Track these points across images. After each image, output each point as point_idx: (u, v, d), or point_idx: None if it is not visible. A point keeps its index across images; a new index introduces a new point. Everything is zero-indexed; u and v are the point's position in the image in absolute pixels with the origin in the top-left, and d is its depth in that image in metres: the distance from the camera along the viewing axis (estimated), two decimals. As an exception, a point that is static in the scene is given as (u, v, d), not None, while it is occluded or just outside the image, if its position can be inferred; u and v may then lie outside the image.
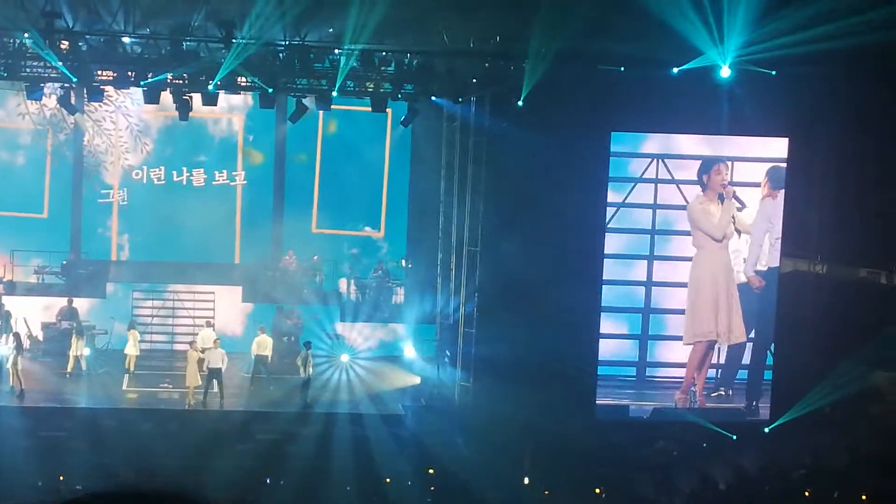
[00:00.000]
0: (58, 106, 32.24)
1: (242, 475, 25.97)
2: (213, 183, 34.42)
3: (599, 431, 28.67)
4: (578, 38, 25.63)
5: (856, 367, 29.22)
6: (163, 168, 34.21)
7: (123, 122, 33.78)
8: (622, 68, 27.63)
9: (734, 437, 29.32)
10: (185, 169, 34.29)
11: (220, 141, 34.53)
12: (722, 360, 29.50)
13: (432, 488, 26.72)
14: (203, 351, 28.69)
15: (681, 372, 29.50)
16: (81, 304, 32.06)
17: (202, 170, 34.37)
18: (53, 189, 33.76)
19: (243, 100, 33.47)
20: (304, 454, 26.79)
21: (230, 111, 34.10)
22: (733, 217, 28.78)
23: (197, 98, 29.03)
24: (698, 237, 28.98)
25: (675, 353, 29.56)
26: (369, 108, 29.81)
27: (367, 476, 26.85)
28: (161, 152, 34.26)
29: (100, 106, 33.08)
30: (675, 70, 27.65)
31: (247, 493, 25.74)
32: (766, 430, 29.50)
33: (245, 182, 34.55)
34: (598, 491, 27.26)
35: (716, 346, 29.34)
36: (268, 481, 26.43)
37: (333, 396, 29.32)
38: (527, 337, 28.04)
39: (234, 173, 34.51)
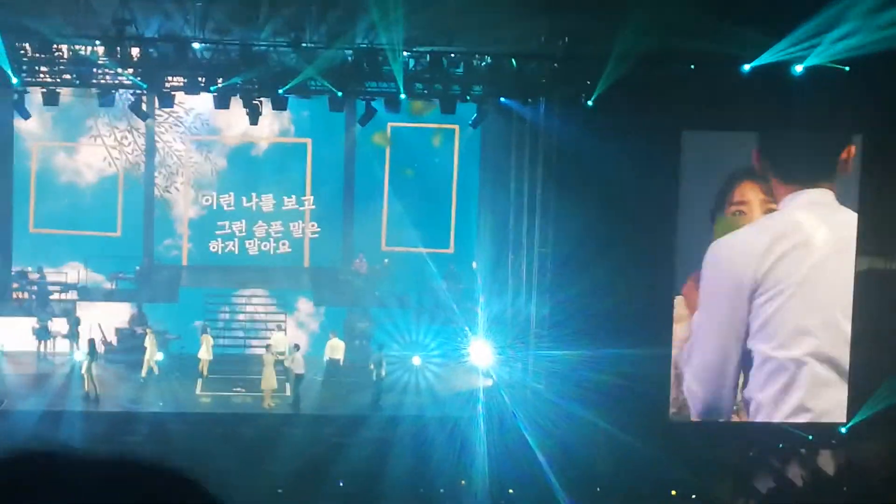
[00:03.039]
0: (129, 128, 32.61)
1: (316, 478, 26.05)
2: (283, 208, 34.52)
3: (673, 433, 28.48)
4: (654, 37, 25.46)
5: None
6: (232, 194, 34.36)
7: (194, 143, 34.05)
8: (692, 66, 27.43)
9: (810, 438, 29.04)
10: (253, 195, 34.41)
11: (288, 166, 34.61)
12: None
13: (511, 490, 26.66)
14: (277, 354, 28.88)
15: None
16: (154, 309, 32.30)
17: (271, 195, 34.47)
18: (126, 209, 34.03)
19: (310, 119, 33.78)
20: (377, 457, 26.80)
21: (299, 135, 34.27)
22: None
23: (267, 103, 29.20)
24: None
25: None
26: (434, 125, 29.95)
27: (440, 479, 26.85)
28: (230, 177, 34.48)
29: (171, 127, 33.37)
30: (747, 67, 27.42)
31: (317, 496, 25.82)
32: (843, 430, 29.16)
33: (314, 207, 34.62)
34: (673, 493, 27.09)
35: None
36: (341, 484, 26.49)
37: (406, 399, 29.31)
38: (599, 339, 27.84)
39: (302, 198, 34.58)
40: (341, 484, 26.51)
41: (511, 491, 26.62)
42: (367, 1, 26.11)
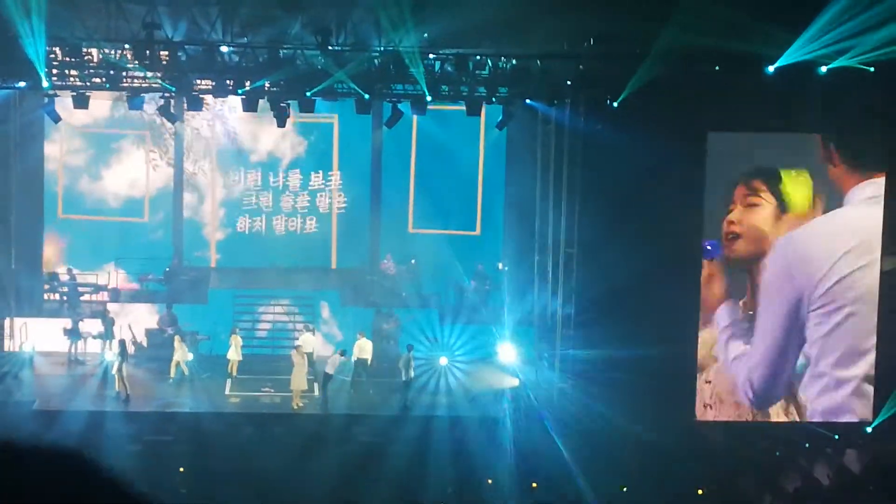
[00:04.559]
0: (157, 113, 32.96)
1: (343, 477, 26.21)
2: (309, 185, 34.82)
3: (700, 432, 28.56)
4: (680, 38, 25.55)
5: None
6: (259, 171, 34.77)
7: (221, 129, 34.33)
8: (717, 67, 27.50)
9: (836, 437, 29.06)
10: (280, 172, 34.78)
11: (315, 142, 34.90)
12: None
13: (534, 485, 26.80)
14: (306, 354, 29.06)
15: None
16: (184, 311, 32.55)
17: (298, 171, 34.81)
18: (153, 194, 34.44)
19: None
20: (405, 456, 26.95)
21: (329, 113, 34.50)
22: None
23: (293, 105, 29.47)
24: None
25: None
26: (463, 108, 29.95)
27: (466, 478, 26.99)
28: (257, 156, 34.84)
29: (198, 113, 33.62)
30: (771, 68, 27.46)
31: (347, 495, 25.97)
32: (869, 429, 29.17)
33: (341, 183, 34.94)
34: (700, 492, 27.17)
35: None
36: (369, 483, 26.65)
37: (433, 399, 29.44)
38: (625, 338, 27.94)
39: (329, 173, 34.90)
40: (370, 483, 26.65)
41: (534, 485, 26.73)
42: (393, 4, 26.29)
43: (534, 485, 27.05)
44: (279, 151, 34.90)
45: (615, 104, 28.06)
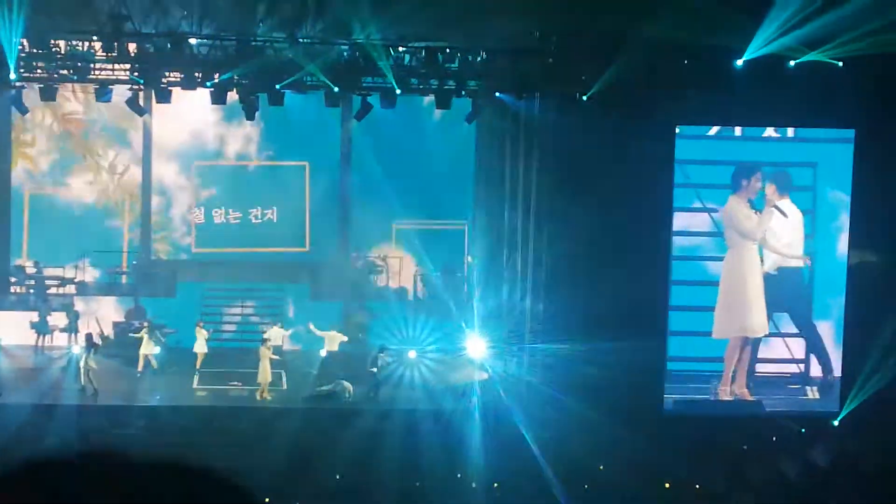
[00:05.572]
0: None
1: (312, 471, 26.17)
2: (278, 181, 34.67)
3: (667, 426, 28.61)
4: (649, 30, 25.61)
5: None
6: (228, 166, 34.80)
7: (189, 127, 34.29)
8: (685, 60, 27.57)
9: (803, 431, 29.16)
10: (250, 167, 34.87)
11: (284, 138, 34.79)
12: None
13: (496, 485, 26.83)
14: (273, 347, 29.03)
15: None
16: (152, 304, 32.41)
17: (268, 166, 34.71)
18: (122, 187, 34.40)
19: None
20: (374, 450, 26.91)
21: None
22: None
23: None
24: (733, 237, 29.05)
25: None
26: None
27: (434, 472, 26.97)
28: (225, 158, 34.93)
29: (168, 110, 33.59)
30: (740, 62, 27.56)
31: (316, 489, 25.94)
32: (835, 422, 29.30)
33: (310, 177, 34.81)
34: (667, 485, 27.23)
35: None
36: (338, 477, 26.62)
37: (402, 392, 29.40)
38: (594, 333, 27.95)
39: (298, 169, 34.93)
40: (338, 477, 26.62)
41: (496, 485, 26.75)
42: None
43: (495, 484, 27.05)
44: (248, 148, 34.74)
45: (585, 98, 28.06)
